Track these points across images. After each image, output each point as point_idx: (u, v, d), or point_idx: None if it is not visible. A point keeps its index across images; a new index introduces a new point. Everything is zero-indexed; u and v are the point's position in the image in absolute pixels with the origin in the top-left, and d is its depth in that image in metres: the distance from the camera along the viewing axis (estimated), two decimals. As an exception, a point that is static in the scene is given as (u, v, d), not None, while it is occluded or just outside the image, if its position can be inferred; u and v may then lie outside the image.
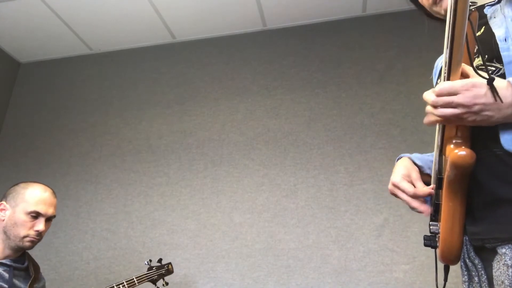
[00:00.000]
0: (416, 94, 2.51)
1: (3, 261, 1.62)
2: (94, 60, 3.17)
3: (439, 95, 0.83)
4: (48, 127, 3.00)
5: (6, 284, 1.57)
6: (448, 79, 0.84)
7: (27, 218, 1.64)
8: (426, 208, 1.00)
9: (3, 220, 1.66)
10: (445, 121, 0.85)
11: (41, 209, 1.66)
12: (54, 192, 1.76)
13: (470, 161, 0.81)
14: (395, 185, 1.03)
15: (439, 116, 0.84)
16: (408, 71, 2.56)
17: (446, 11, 1.00)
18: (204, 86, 2.87)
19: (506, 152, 0.86)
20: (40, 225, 1.65)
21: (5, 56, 3.17)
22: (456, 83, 0.82)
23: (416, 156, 1.10)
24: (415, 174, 1.04)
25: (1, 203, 1.69)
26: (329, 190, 2.39)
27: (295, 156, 2.52)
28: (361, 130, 2.49)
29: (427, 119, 0.89)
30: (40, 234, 1.67)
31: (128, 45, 3.11)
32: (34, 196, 1.67)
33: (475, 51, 0.94)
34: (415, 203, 1.00)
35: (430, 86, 0.89)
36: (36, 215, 1.65)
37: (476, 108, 0.81)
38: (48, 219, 1.71)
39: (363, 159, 2.42)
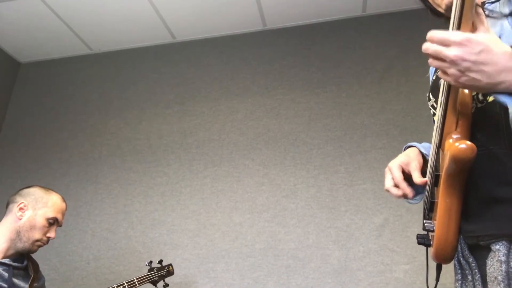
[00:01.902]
0: (416, 94, 2.51)
1: (3, 260, 1.62)
2: (94, 60, 3.17)
3: (429, 39, 0.78)
4: (48, 127, 2.99)
5: (6, 284, 1.57)
6: (458, 29, 0.77)
7: (45, 223, 1.70)
8: (410, 191, 1.00)
9: (20, 219, 1.67)
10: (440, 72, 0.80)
11: (59, 217, 1.77)
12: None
13: (471, 155, 0.78)
14: (389, 168, 1.05)
15: (429, 63, 0.80)
16: (408, 71, 2.56)
17: (447, 4, 1.00)
18: (204, 86, 2.87)
19: (505, 149, 0.85)
20: (53, 232, 1.74)
21: (5, 56, 3.17)
22: (452, 35, 0.76)
23: (422, 145, 1.10)
24: (414, 164, 1.03)
25: (22, 202, 1.70)
26: (329, 190, 2.39)
27: (295, 156, 2.52)
28: (361, 130, 2.49)
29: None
30: (48, 241, 1.74)
31: (128, 45, 3.10)
32: (56, 204, 1.77)
33: None
34: (394, 190, 1.01)
35: (430, 86, 0.88)
36: (53, 222, 1.73)
37: (463, 65, 0.74)
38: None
39: (363, 159, 2.42)
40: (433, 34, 0.78)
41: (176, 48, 3.05)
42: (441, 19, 1.12)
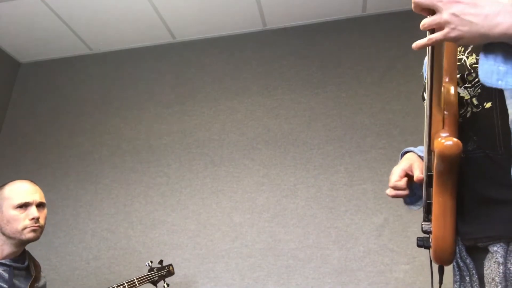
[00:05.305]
0: (416, 94, 2.50)
1: (3, 261, 1.62)
2: (94, 60, 3.17)
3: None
4: (48, 127, 2.99)
5: (6, 285, 1.57)
6: None
7: (17, 212, 1.64)
8: (405, 192, 1.03)
9: None
10: (427, 23, 0.78)
11: (26, 198, 1.66)
12: (33, 181, 1.75)
13: (457, 151, 0.79)
14: (391, 174, 1.08)
15: (422, 25, 0.78)
16: (408, 71, 2.55)
17: None
18: (204, 86, 2.87)
19: (500, 154, 0.85)
20: (33, 212, 1.65)
21: (5, 56, 3.17)
22: None
23: (418, 149, 1.13)
24: (416, 165, 1.05)
25: None
26: (329, 190, 2.39)
27: (295, 156, 2.52)
28: (361, 130, 2.49)
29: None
30: (38, 221, 1.66)
31: (128, 45, 3.10)
32: (14, 190, 1.68)
33: (469, 50, 0.96)
34: (392, 192, 1.04)
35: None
36: (24, 205, 1.65)
37: (458, 7, 0.75)
38: (39, 206, 1.70)
39: (363, 159, 2.42)
40: None
41: (176, 48, 3.05)
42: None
